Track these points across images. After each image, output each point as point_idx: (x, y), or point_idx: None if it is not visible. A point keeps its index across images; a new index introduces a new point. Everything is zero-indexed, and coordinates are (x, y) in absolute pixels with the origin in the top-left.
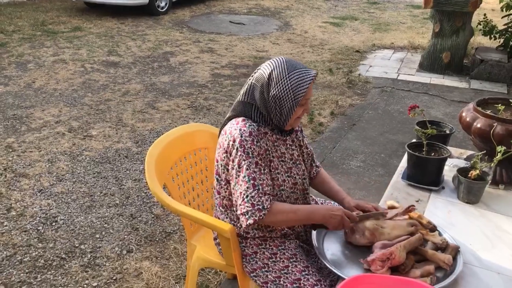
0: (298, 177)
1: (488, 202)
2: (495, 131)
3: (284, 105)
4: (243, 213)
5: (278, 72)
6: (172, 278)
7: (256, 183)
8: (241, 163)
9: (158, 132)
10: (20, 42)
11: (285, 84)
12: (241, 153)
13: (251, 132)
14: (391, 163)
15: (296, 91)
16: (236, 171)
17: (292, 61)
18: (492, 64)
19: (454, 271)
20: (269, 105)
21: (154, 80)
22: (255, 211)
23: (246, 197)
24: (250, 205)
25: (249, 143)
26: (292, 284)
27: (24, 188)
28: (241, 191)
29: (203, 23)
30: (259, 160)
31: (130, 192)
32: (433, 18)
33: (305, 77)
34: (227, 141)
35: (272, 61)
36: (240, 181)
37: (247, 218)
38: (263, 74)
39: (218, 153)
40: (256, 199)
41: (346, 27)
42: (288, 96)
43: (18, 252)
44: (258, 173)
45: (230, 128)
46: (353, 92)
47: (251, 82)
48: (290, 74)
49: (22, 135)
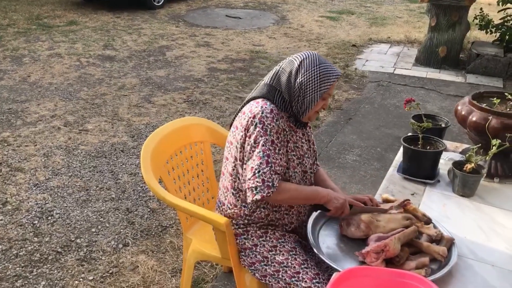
0: (308, 167)
1: (483, 195)
2: (490, 124)
3: (307, 94)
4: (251, 187)
5: (309, 61)
6: (168, 271)
7: (269, 160)
8: (258, 139)
9: (154, 126)
10: (15, 36)
11: (314, 73)
12: (260, 129)
13: (272, 110)
14: (387, 157)
15: (322, 82)
16: (252, 147)
17: (322, 57)
18: (488, 59)
19: (448, 263)
20: (294, 91)
21: (150, 74)
22: (264, 188)
23: (258, 172)
24: (261, 181)
25: (269, 119)
26: (291, 278)
27: (19, 182)
28: (253, 166)
29: (199, 17)
30: (275, 139)
31: (126, 186)
32: (429, 12)
33: (333, 71)
34: (246, 119)
35: (304, 52)
36: (254, 156)
37: (255, 194)
38: (293, 61)
39: (234, 135)
40: (267, 175)
41: (343, 21)
42: (314, 85)
43: (14, 246)
44: (272, 151)
45: (250, 107)
46: (349, 86)
47: (279, 68)
48: (320, 65)
49: (17, 129)
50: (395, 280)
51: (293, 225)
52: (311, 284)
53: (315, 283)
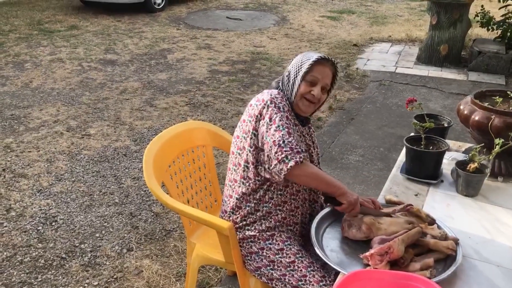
0: (315, 161)
1: (487, 194)
2: (493, 123)
3: (291, 78)
4: (281, 159)
5: (299, 55)
6: (172, 276)
7: (290, 131)
8: (273, 116)
9: (156, 130)
10: (17, 42)
11: (297, 60)
12: (272, 108)
13: (279, 93)
14: (390, 157)
15: (302, 64)
16: (268, 124)
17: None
18: (490, 56)
19: (453, 264)
20: (284, 81)
21: (152, 78)
22: (294, 154)
23: (283, 142)
24: (289, 149)
25: (279, 99)
26: (298, 282)
27: (23, 188)
28: (275, 139)
29: (199, 19)
30: (289, 115)
31: (129, 191)
32: (430, 11)
33: (314, 55)
34: (255, 108)
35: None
36: (272, 131)
37: (288, 162)
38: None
39: (243, 127)
40: (293, 143)
41: (344, 21)
42: (296, 68)
43: (18, 252)
44: (290, 125)
45: (257, 97)
46: (351, 86)
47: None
48: (306, 53)
49: (20, 135)
50: (400, 282)
51: (298, 225)
52: (318, 287)
53: (322, 286)
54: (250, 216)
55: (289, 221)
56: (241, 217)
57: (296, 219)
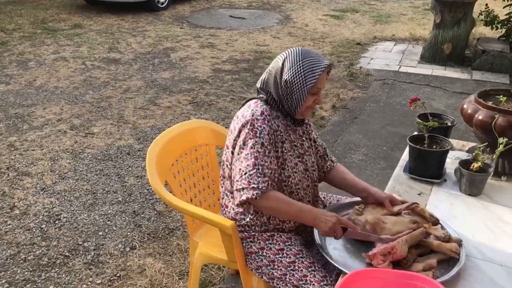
0: (309, 164)
1: (490, 194)
2: (497, 122)
3: (294, 91)
4: (238, 189)
5: (291, 58)
6: (175, 274)
7: (257, 163)
8: (247, 141)
9: (159, 129)
10: (21, 41)
11: (297, 70)
12: (249, 131)
13: (263, 112)
14: (393, 156)
15: (307, 77)
16: (240, 148)
17: (308, 50)
18: (494, 55)
19: (456, 264)
20: (281, 90)
21: (155, 76)
22: (249, 189)
23: (245, 174)
24: (246, 183)
25: (259, 122)
26: (299, 281)
27: (27, 187)
28: (241, 167)
29: (203, 18)
30: (266, 141)
31: (132, 189)
32: (434, 9)
33: (318, 64)
34: (239, 124)
35: (287, 50)
36: (242, 158)
37: (241, 195)
38: (278, 61)
39: (229, 139)
40: (253, 178)
41: (347, 20)
42: (299, 81)
43: (22, 250)
44: (261, 154)
45: (242, 111)
46: (354, 85)
47: (267, 69)
48: (303, 60)
49: (24, 133)
50: (403, 281)
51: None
52: (319, 287)
53: (322, 286)
54: (249, 215)
55: (288, 225)
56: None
57: (294, 222)
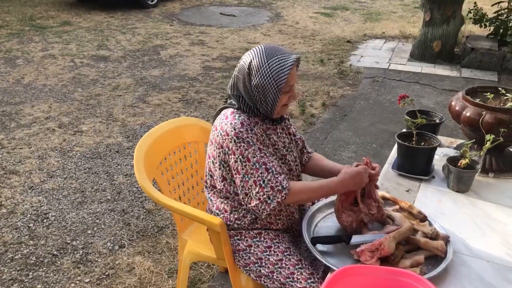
0: (292, 163)
1: (478, 190)
2: (484, 119)
3: (267, 94)
4: (263, 200)
5: (257, 61)
6: (164, 272)
7: (268, 167)
8: (244, 153)
9: (149, 127)
10: (8, 38)
11: (266, 72)
12: (241, 143)
13: (243, 123)
14: (382, 153)
15: (277, 78)
16: (242, 162)
17: (272, 48)
18: (482, 52)
19: (443, 260)
20: (253, 95)
21: (145, 74)
22: (276, 193)
23: (263, 182)
24: (270, 189)
25: (244, 133)
26: (286, 279)
27: (14, 185)
28: (255, 179)
29: (193, 15)
30: (260, 145)
31: (121, 187)
32: (423, 7)
33: (285, 63)
34: (219, 137)
35: (252, 50)
36: (249, 170)
37: (270, 203)
38: (243, 64)
39: (210, 149)
40: (273, 181)
41: (337, 17)
42: (270, 84)
43: (9, 249)
44: (266, 157)
45: (220, 123)
46: (344, 82)
47: (234, 74)
48: (269, 61)
49: (11, 131)
50: (391, 278)
51: (285, 225)
52: (306, 285)
53: (310, 283)
54: (236, 221)
55: (277, 226)
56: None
57: (282, 221)
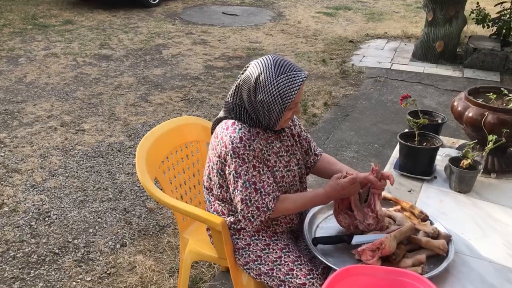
0: (296, 168)
1: (480, 191)
2: (487, 120)
3: (272, 110)
4: (247, 217)
5: (265, 76)
6: (166, 271)
7: (257, 187)
8: (238, 169)
9: (151, 125)
10: (11, 36)
11: (273, 90)
12: (236, 159)
13: (242, 137)
14: (384, 153)
15: (284, 97)
16: (234, 177)
17: (282, 63)
18: (485, 53)
19: (445, 260)
20: (257, 108)
21: (147, 73)
22: (260, 213)
23: (250, 201)
24: (255, 209)
25: (241, 149)
26: (285, 275)
27: (16, 184)
28: (242, 197)
29: (195, 14)
30: (255, 162)
31: (123, 186)
32: (426, 7)
33: (294, 81)
34: (219, 146)
35: (260, 62)
36: (239, 187)
37: (253, 221)
38: (250, 76)
39: (211, 154)
40: (260, 202)
41: (340, 17)
42: (276, 101)
43: (11, 248)
44: (257, 176)
45: (221, 133)
46: (346, 82)
47: (238, 83)
48: (278, 79)
49: (13, 130)
50: (392, 278)
51: (283, 229)
52: (306, 281)
53: (309, 279)
54: (232, 225)
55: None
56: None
57: (281, 227)
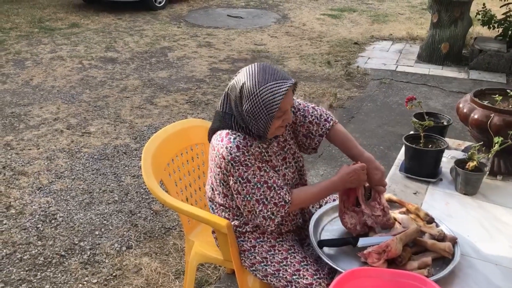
0: (293, 162)
1: (486, 193)
2: (492, 122)
3: (259, 120)
4: (267, 216)
5: (249, 86)
6: (171, 273)
7: (269, 185)
8: (243, 175)
9: (156, 128)
10: (18, 40)
11: (257, 99)
12: (239, 166)
13: (238, 146)
14: (389, 155)
15: (268, 106)
16: (241, 183)
17: (266, 71)
18: (491, 54)
19: (451, 262)
20: (245, 118)
21: (152, 76)
22: (279, 208)
23: (266, 200)
24: (273, 205)
25: (241, 157)
26: (292, 276)
27: (23, 186)
28: (258, 198)
29: (200, 17)
30: (258, 163)
31: (129, 189)
32: (431, 9)
33: (278, 91)
34: (217, 158)
35: (245, 70)
36: (250, 190)
37: (274, 219)
38: (235, 85)
39: (211, 164)
40: (276, 197)
41: (345, 19)
42: (261, 111)
43: (18, 250)
44: (265, 175)
45: (216, 144)
46: (351, 84)
47: (226, 91)
48: (261, 89)
49: (20, 133)
50: (398, 280)
51: (289, 229)
52: (313, 280)
53: (316, 279)
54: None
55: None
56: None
57: (286, 227)
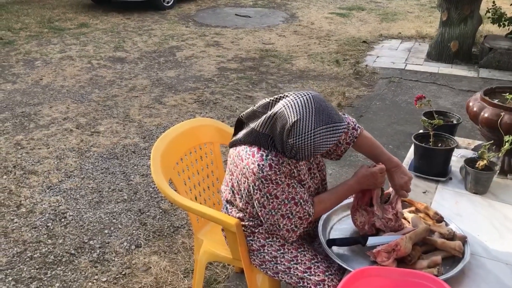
0: (318, 173)
1: (496, 192)
2: (503, 120)
3: (300, 154)
4: (291, 229)
5: (303, 124)
6: (180, 272)
7: (296, 201)
8: (272, 192)
9: (165, 127)
10: (27, 40)
11: (308, 139)
12: (269, 184)
13: (271, 165)
14: (399, 154)
15: (317, 148)
16: (269, 199)
17: (323, 111)
18: (501, 52)
19: (461, 261)
20: (286, 147)
21: (161, 75)
22: (303, 221)
23: (291, 214)
24: (298, 219)
25: (272, 175)
26: (303, 273)
27: (33, 185)
28: (283, 213)
29: (208, 16)
30: (288, 181)
31: (138, 188)
32: (440, 7)
33: (333, 135)
34: (247, 171)
35: (300, 104)
36: (276, 206)
37: (296, 231)
38: (287, 116)
39: (234, 170)
40: (301, 212)
41: (353, 18)
42: (307, 149)
43: (28, 248)
44: (293, 192)
45: (246, 158)
46: (360, 83)
47: (271, 115)
48: (316, 130)
49: (30, 132)
50: (407, 279)
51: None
52: (325, 277)
53: (328, 275)
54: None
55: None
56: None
57: None
